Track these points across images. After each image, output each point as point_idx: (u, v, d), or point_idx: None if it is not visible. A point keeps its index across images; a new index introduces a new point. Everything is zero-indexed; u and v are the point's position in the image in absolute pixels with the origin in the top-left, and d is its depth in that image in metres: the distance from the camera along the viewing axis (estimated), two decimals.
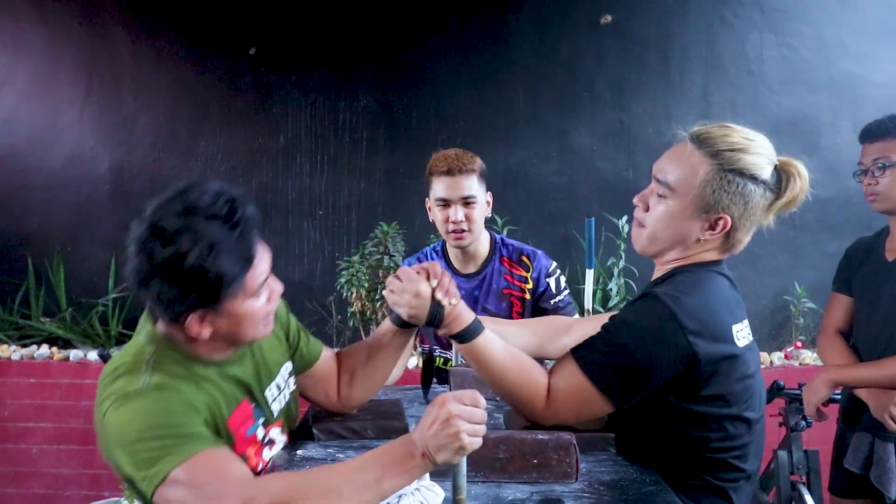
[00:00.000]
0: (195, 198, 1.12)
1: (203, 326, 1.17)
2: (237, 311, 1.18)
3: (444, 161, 2.15)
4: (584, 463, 1.32)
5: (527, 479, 1.26)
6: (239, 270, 1.13)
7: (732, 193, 1.29)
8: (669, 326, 1.23)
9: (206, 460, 1.08)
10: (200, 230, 1.09)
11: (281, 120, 4.02)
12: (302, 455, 1.41)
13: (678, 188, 1.31)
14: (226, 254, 1.10)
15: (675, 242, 1.35)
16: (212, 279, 1.10)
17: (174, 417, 1.11)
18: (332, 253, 3.98)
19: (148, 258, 1.10)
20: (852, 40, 3.88)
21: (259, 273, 1.19)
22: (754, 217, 1.32)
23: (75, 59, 4.02)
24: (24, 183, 4.02)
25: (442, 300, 1.36)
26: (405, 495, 1.16)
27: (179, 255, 1.08)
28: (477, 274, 2.25)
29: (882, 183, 2.01)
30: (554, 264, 2.26)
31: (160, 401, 1.12)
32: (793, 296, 3.79)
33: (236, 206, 1.13)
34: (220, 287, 1.12)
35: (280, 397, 1.42)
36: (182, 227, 1.09)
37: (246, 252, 1.14)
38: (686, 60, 3.94)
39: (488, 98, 3.98)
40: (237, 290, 1.15)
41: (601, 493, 1.21)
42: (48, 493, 3.50)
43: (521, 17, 3.96)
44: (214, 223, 1.11)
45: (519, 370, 1.35)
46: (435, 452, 1.06)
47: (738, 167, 1.28)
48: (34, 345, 3.75)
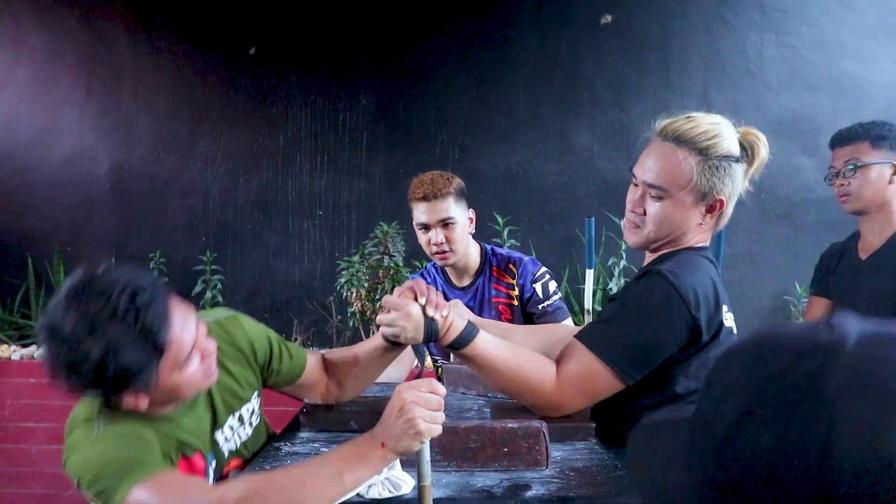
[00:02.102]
0: (91, 300, 1.10)
1: (139, 400, 1.19)
2: (168, 382, 1.20)
3: (420, 187, 2.21)
4: (560, 451, 1.37)
5: (498, 466, 1.29)
6: (147, 360, 1.13)
7: (722, 177, 1.37)
8: (675, 301, 1.29)
9: (165, 478, 1.12)
10: (98, 333, 1.09)
11: (281, 120, 4.02)
12: (287, 451, 1.46)
13: (672, 188, 1.38)
14: (129, 349, 1.10)
15: (677, 233, 1.42)
16: (119, 375, 1.11)
17: (127, 451, 1.15)
18: (332, 253, 3.98)
19: (55, 359, 1.12)
20: (852, 40, 3.88)
21: (181, 346, 1.18)
22: (737, 189, 1.42)
23: (75, 59, 4.02)
24: (24, 183, 4.02)
25: (434, 315, 1.39)
26: (374, 484, 1.19)
27: (81, 360, 1.09)
28: (471, 286, 2.32)
29: (853, 184, 2.08)
30: (542, 269, 2.29)
31: (113, 438, 1.17)
32: (793, 296, 3.79)
33: (136, 299, 1.11)
34: (131, 379, 1.13)
35: (234, 437, 1.42)
36: (79, 332, 1.09)
37: (153, 340, 1.13)
38: (686, 60, 3.94)
39: (488, 98, 3.98)
40: (153, 374, 1.15)
41: (570, 479, 1.25)
42: (48, 493, 3.50)
43: (521, 17, 3.96)
44: (112, 323, 1.09)
45: (522, 362, 1.39)
46: (395, 442, 1.10)
47: (720, 153, 1.37)
48: (34, 345, 3.74)
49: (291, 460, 1.39)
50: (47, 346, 1.12)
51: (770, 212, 3.87)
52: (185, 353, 1.20)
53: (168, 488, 1.10)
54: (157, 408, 1.25)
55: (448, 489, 1.20)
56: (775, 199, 3.86)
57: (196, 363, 1.23)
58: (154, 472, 1.12)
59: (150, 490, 1.09)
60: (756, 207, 3.87)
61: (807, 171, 3.79)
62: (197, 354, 1.23)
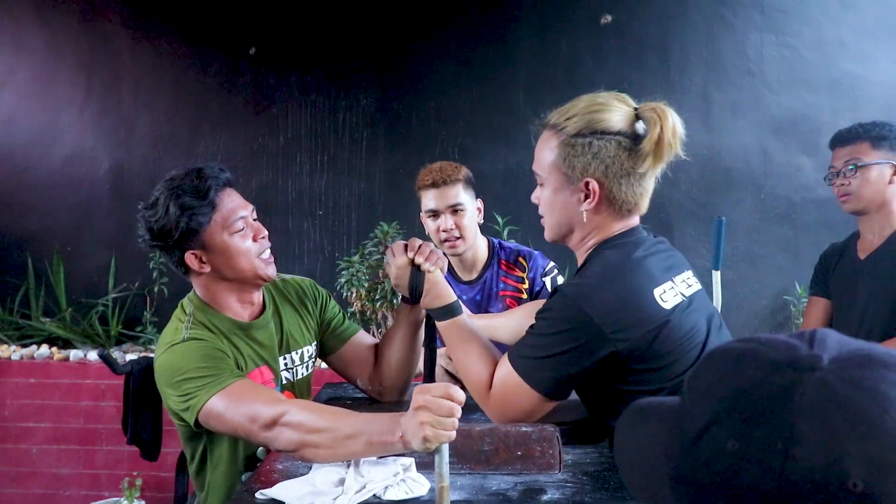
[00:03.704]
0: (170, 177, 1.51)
1: (202, 266, 1.49)
2: (220, 244, 1.48)
3: (429, 174, 2.23)
4: (572, 454, 1.36)
5: (511, 470, 1.28)
6: (200, 208, 1.45)
7: (583, 156, 1.32)
8: (584, 329, 1.24)
9: (237, 387, 1.34)
10: (167, 190, 1.48)
11: (281, 120, 4.02)
12: None
13: (543, 172, 1.40)
14: (187, 197, 1.45)
15: (567, 224, 1.39)
16: (179, 220, 1.44)
17: (208, 360, 1.39)
18: (332, 253, 3.98)
19: (141, 220, 1.51)
20: (852, 40, 3.88)
21: (229, 209, 1.49)
22: (623, 169, 1.31)
23: (75, 59, 4.02)
24: (24, 183, 4.02)
25: (422, 265, 1.46)
26: (391, 486, 1.19)
27: (152, 205, 1.48)
28: (478, 280, 2.30)
29: (853, 183, 2.08)
30: (551, 264, 2.29)
31: (197, 348, 1.41)
32: (793, 296, 3.79)
33: (202, 172, 1.49)
34: (188, 224, 1.45)
35: (293, 369, 1.64)
36: (156, 192, 1.50)
37: (205, 195, 1.46)
38: (686, 60, 3.94)
39: (488, 98, 3.97)
40: (205, 225, 1.46)
41: (583, 483, 1.24)
42: (48, 493, 3.49)
43: (521, 17, 3.96)
44: (181, 181, 1.48)
45: (471, 360, 1.39)
46: (410, 438, 1.13)
47: (580, 130, 1.32)
48: (34, 345, 3.74)
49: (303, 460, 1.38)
50: (140, 216, 1.50)
51: (770, 212, 3.87)
52: (233, 216, 1.49)
53: (240, 395, 1.32)
54: (233, 298, 1.53)
55: (463, 492, 1.20)
56: (775, 199, 3.86)
57: (247, 236, 1.50)
58: (229, 384, 1.34)
59: (224, 398, 1.32)
60: (756, 207, 3.87)
61: (807, 171, 3.79)
62: (247, 228, 1.50)
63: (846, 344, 0.54)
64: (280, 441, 1.28)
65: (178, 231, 1.44)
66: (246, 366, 1.51)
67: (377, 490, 1.17)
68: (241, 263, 1.49)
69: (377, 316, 3.45)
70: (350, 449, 1.22)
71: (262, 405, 1.29)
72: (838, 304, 2.21)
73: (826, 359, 0.52)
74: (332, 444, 1.23)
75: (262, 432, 1.29)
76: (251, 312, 1.59)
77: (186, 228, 1.45)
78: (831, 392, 0.50)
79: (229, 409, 1.31)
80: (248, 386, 1.36)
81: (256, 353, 1.55)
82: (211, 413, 1.33)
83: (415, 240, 1.51)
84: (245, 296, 1.57)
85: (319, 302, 1.74)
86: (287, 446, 1.28)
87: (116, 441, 3.38)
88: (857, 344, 0.55)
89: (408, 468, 1.23)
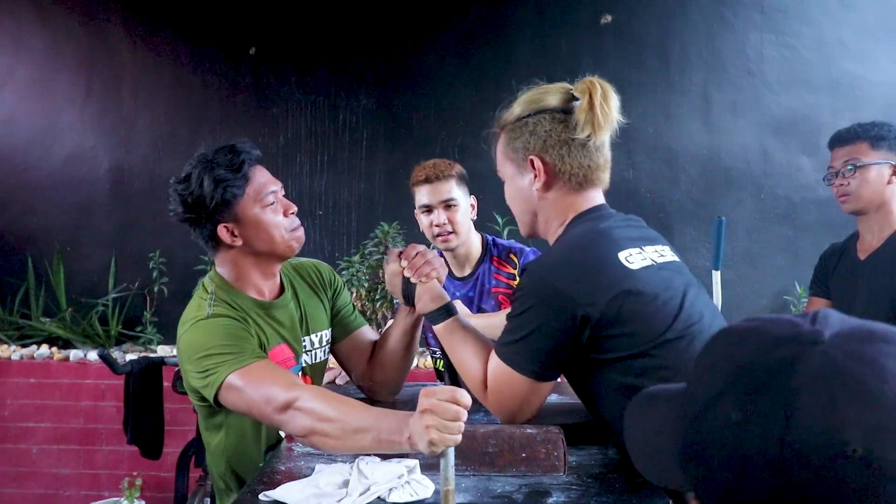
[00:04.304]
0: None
1: (234, 239, 1.50)
2: (252, 217, 1.49)
3: (422, 171, 2.26)
4: (576, 456, 1.35)
5: (516, 472, 1.27)
6: (233, 180, 1.47)
7: (519, 137, 1.39)
8: (553, 300, 1.24)
9: (257, 368, 1.36)
10: (201, 164, 1.49)
11: (281, 120, 4.02)
12: (300, 452, 1.45)
13: (499, 167, 1.47)
14: (217, 172, 1.47)
15: (529, 210, 1.42)
16: (211, 189, 1.46)
17: (232, 339, 1.41)
18: (332, 253, 3.98)
19: (174, 194, 1.51)
20: (852, 40, 3.88)
21: (261, 183, 1.51)
22: (560, 139, 1.35)
23: (75, 59, 4.02)
24: (24, 183, 4.02)
25: (411, 278, 1.50)
26: (396, 488, 1.19)
27: (186, 178, 1.49)
28: (471, 276, 2.31)
29: (852, 184, 2.08)
30: None
31: (223, 326, 1.43)
32: (793, 296, 3.79)
33: (235, 147, 1.51)
34: (222, 196, 1.46)
35: (312, 352, 1.66)
36: (191, 165, 1.51)
37: (238, 168, 1.48)
38: (686, 60, 3.94)
39: (488, 98, 3.97)
40: (239, 197, 1.48)
41: (588, 485, 1.23)
42: (48, 493, 3.50)
43: (521, 17, 3.96)
44: (214, 161, 1.49)
45: (468, 359, 1.40)
46: (416, 440, 1.12)
47: (516, 116, 1.41)
48: (34, 345, 3.75)
49: (305, 461, 1.38)
50: (172, 190, 1.51)
51: (770, 212, 3.87)
52: (265, 189, 1.50)
53: (258, 375, 1.35)
54: (257, 274, 1.55)
55: (468, 494, 1.19)
56: (775, 199, 3.86)
57: (278, 210, 1.52)
58: (250, 363, 1.36)
59: (241, 377, 1.34)
60: (756, 207, 3.87)
61: (807, 171, 3.79)
62: (277, 202, 1.52)
63: (847, 321, 0.56)
64: (292, 425, 1.30)
65: (213, 203, 1.47)
66: (268, 342, 1.53)
67: (381, 492, 1.16)
68: (273, 235, 1.52)
69: (377, 316, 3.45)
70: (358, 443, 1.23)
71: (279, 388, 1.31)
72: (838, 305, 2.21)
73: (828, 334, 0.54)
74: (340, 434, 1.24)
75: (275, 414, 1.31)
76: (272, 291, 1.61)
77: (221, 200, 1.47)
78: (833, 364, 0.52)
79: (248, 387, 1.33)
80: (268, 367, 1.38)
81: (277, 333, 1.57)
82: (231, 389, 1.35)
83: (412, 248, 1.53)
84: (270, 271, 1.59)
85: (335, 288, 1.77)
86: (298, 431, 1.30)
87: (116, 441, 3.38)
88: (857, 321, 0.56)
89: (412, 470, 1.22)
